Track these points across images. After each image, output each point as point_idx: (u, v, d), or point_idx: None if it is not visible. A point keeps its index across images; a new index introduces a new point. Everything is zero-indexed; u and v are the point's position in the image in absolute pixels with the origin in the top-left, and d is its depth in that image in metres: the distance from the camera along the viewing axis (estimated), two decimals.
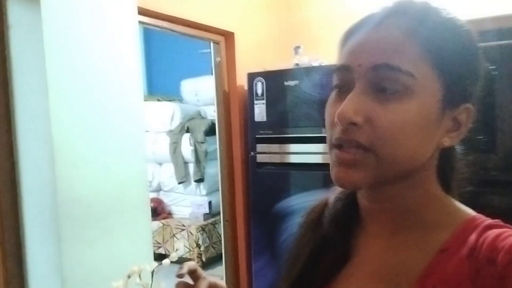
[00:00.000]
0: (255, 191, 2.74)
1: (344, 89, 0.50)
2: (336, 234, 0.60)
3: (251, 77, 2.65)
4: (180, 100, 4.83)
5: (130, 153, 1.74)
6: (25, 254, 1.56)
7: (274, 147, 2.63)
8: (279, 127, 2.59)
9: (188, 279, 0.58)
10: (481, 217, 0.52)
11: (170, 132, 4.32)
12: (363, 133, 0.47)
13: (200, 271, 0.59)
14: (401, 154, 0.48)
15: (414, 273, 0.50)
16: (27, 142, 1.53)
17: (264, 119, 2.62)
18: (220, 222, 4.08)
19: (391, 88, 0.47)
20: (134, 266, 1.71)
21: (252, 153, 2.70)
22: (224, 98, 2.76)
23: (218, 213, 4.09)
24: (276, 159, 2.65)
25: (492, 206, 3.33)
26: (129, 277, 1.71)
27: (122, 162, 1.69)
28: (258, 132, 2.66)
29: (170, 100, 4.72)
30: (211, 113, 4.42)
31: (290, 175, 2.58)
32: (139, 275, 1.71)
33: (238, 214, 2.86)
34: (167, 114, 4.36)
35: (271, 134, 2.61)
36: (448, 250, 0.49)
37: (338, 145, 0.49)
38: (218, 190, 2.94)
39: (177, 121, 4.34)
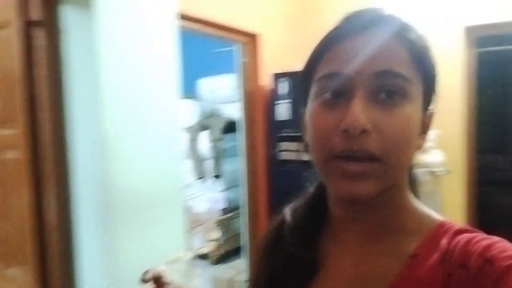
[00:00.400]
0: (277, 187, 2.83)
1: (337, 97, 0.48)
2: (302, 247, 0.58)
3: (277, 77, 2.73)
4: (197, 98, 4.92)
5: (169, 149, 1.85)
6: (76, 243, 1.67)
7: (297, 145, 2.71)
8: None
9: (151, 286, 0.60)
10: (449, 222, 0.52)
11: (188, 129, 4.43)
12: (373, 141, 0.46)
13: (165, 278, 0.60)
14: (405, 160, 0.48)
15: (387, 280, 0.50)
16: (79, 139, 1.63)
17: (288, 118, 2.71)
18: (236, 217, 4.18)
19: (393, 94, 0.47)
20: (175, 253, 1.83)
21: (274, 150, 2.79)
22: (249, 97, 2.84)
23: (235, 209, 4.19)
24: (298, 156, 2.73)
25: (502, 206, 3.38)
26: (171, 263, 1.83)
27: (162, 158, 1.80)
28: (281, 131, 2.75)
29: (187, 98, 4.81)
30: (228, 111, 4.51)
31: (311, 172, 2.65)
32: (181, 262, 1.83)
33: (260, 210, 2.95)
34: (185, 111, 4.46)
35: (295, 132, 2.70)
36: (419, 255, 0.49)
37: (343, 157, 0.47)
38: (235, 186, 3.02)
39: (195, 119, 4.44)
